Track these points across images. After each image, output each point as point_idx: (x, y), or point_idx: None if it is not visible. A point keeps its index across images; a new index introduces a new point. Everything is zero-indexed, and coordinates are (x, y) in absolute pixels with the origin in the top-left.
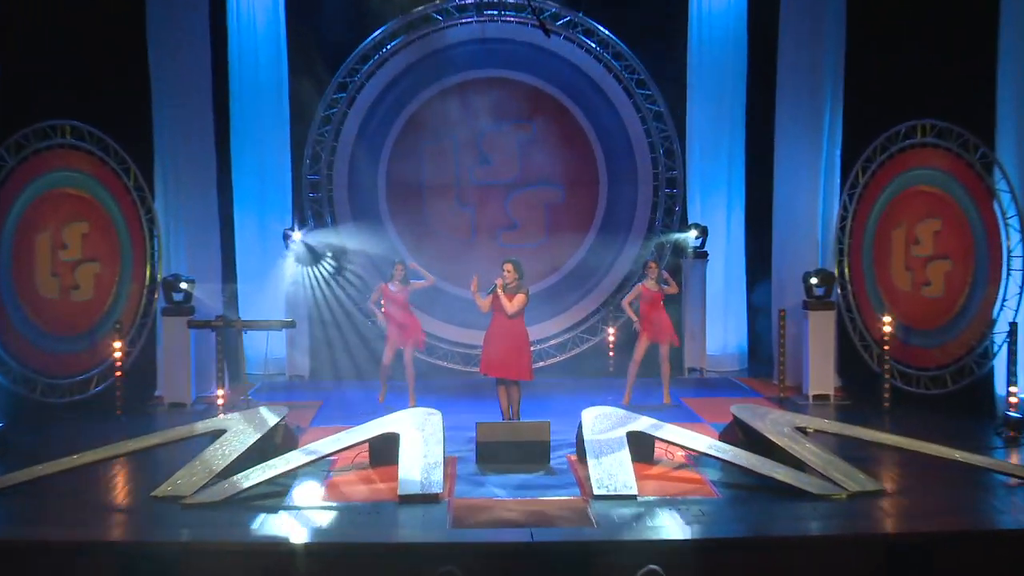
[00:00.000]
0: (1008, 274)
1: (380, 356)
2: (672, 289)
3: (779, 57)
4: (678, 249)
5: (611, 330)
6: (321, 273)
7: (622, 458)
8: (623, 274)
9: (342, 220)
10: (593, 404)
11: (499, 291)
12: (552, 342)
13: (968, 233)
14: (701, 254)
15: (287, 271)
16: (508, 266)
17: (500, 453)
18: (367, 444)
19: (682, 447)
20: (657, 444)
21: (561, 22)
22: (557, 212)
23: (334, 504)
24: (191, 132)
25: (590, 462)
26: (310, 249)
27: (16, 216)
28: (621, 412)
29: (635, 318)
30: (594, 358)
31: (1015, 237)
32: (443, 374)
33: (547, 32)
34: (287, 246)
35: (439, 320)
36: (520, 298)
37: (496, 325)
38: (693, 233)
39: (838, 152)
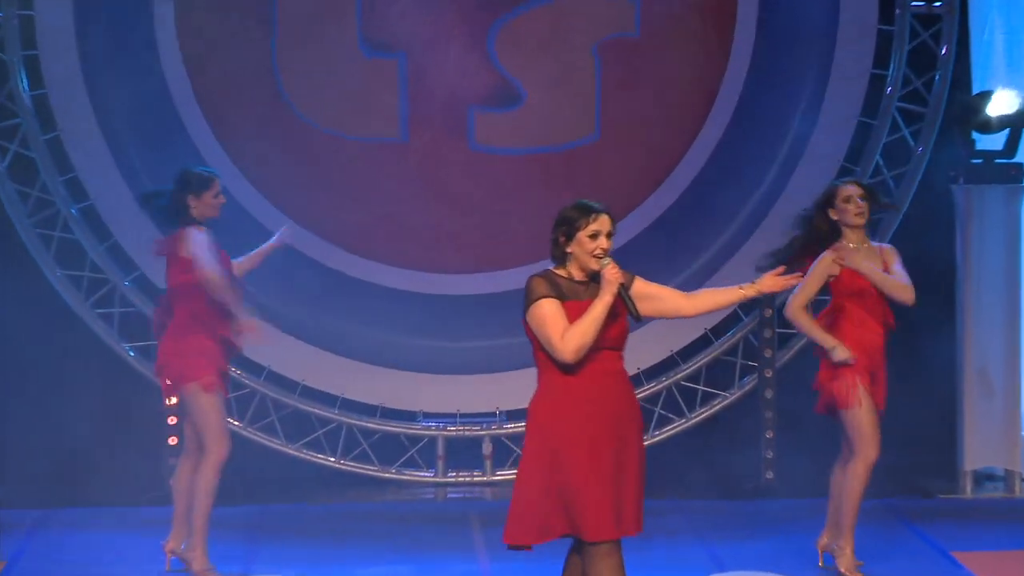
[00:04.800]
0: None
1: (160, 441)
2: (898, 285)
3: None
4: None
5: (767, 370)
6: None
7: None
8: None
9: (63, 107)
10: (722, 569)
11: (614, 277)
12: None
13: None
14: (1006, 169)
15: None
16: (605, 220)
17: None
18: None
19: None
20: None
21: None
22: (626, 65)
23: None
24: None
25: None
26: None
27: None
28: None
29: (832, 343)
30: (721, 447)
31: None
32: (352, 487)
33: None
34: None
35: (336, 353)
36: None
37: (589, 386)
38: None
39: None
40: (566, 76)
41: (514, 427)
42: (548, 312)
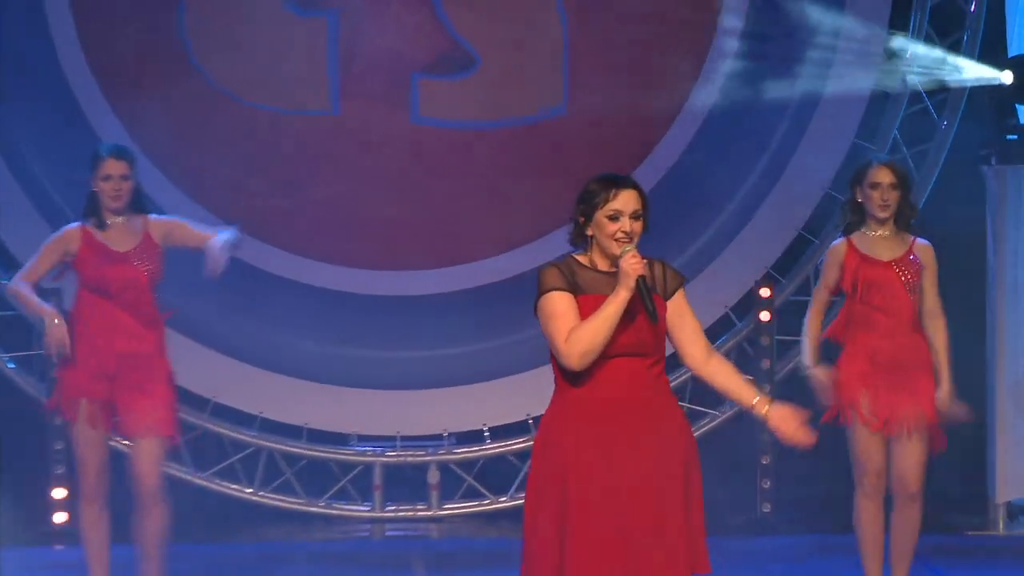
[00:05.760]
0: None
1: (44, 470)
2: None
3: None
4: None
5: (764, 385)
6: None
7: None
8: (811, 201)
9: None
10: None
11: (632, 268)
12: None
13: None
14: None
15: None
16: (629, 197)
17: None
18: None
19: None
20: None
21: None
22: (598, 24)
23: None
24: None
25: None
26: None
27: None
28: None
29: (807, 364)
30: (710, 475)
31: None
32: (274, 523)
33: None
34: None
35: (254, 365)
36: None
37: (600, 400)
38: (1006, 75)
39: None
40: (527, 37)
41: (465, 452)
42: (556, 308)
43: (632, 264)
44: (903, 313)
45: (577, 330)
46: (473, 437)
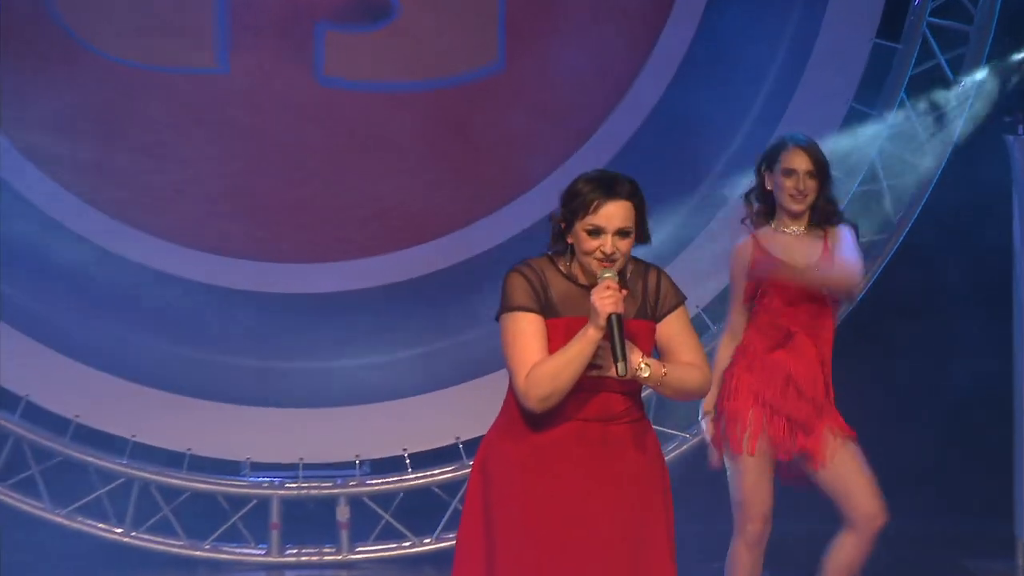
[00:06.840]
0: None
1: None
2: (828, 276)
3: None
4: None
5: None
6: None
7: None
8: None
9: None
10: None
11: (603, 306)
12: None
13: None
14: None
15: None
16: (618, 211)
17: None
18: None
19: None
20: None
21: None
22: None
23: None
24: None
25: None
26: None
27: None
28: None
29: (706, 408)
30: (677, 509)
31: None
32: (148, 568)
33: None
34: None
35: (124, 378)
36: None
37: (559, 437)
38: None
39: None
40: None
41: (381, 484)
42: (520, 333)
43: (603, 300)
44: (825, 321)
45: (540, 367)
46: (391, 465)
